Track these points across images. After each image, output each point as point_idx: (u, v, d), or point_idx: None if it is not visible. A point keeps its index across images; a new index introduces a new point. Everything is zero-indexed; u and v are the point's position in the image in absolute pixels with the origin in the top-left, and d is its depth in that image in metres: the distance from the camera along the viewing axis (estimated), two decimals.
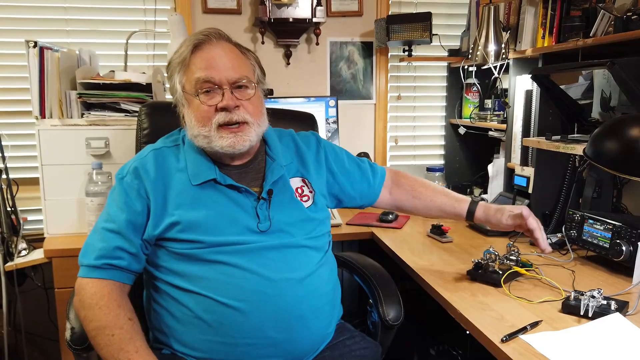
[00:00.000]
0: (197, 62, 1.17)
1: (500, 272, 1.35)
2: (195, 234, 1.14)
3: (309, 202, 1.28)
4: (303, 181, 1.31)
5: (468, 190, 2.48)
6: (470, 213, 1.40)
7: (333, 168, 1.39)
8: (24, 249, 1.95)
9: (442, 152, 2.64)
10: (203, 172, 1.19)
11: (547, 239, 1.66)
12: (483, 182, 2.39)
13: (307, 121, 1.67)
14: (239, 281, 1.13)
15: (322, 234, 1.29)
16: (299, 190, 1.28)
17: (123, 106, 1.90)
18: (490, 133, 2.23)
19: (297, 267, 1.18)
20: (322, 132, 2.32)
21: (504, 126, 2.06)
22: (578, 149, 1.47)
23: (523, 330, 1.09)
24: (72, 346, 1.16)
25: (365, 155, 2.49)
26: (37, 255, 1.92)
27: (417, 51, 2.45)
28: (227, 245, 1.15)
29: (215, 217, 1.16)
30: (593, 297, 1.15)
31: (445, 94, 2.60)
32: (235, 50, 1.21)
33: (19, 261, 1.90)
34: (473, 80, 2.40)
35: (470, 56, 2.07)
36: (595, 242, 1.48)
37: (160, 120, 1.53)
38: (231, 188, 1.19)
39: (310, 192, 1.30)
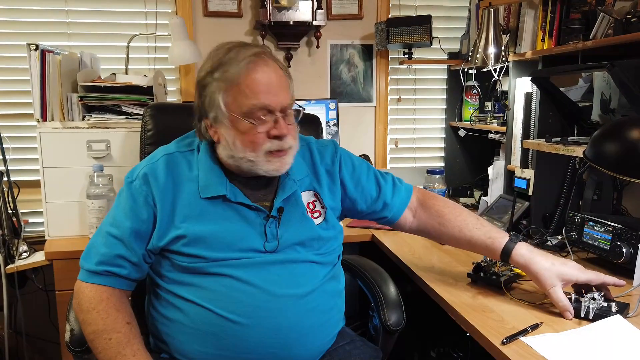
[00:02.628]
0: (252, 86, 1.08)
1: (501, 275, 1.35)
2: (200, 249, 1.12)
3: (320, 219, 1.24)
4: (315, 195, 1.26)
5: (468, 192, 2.48)
6: (506, 253, 1.23)
7: (346, 181, 1.30)
8: (25, 251, 1.95)
9: (443, 154, 2.64)
10: (214, 186, 1.15)
11: (548, 241, 1.67)
12: (483, 185, 2.39)
13: (311, 123, 1.66)
14: (240, 295, 1.11)
15: (332, 249, 1.25)
16: (310, 206, 1.24)
17: (124, 109, 1.91)
18: (491, 135, 2.23)
19: (301, 282, 1.16)
20: (323, 135, 2.32)
21: (504, 128, 2.06)
22: (578, 151, 1.47)
23: (523, 332, 1.09)
24: (72, 348, 1.16)
25: (366, 157, 2.49)
26: (38, 257, 1.92)
27: (417, 54, 2.45)
28: (232, 260, 1.13)
29: (222, 233, 1.13)
30: (594, 299, 1.16)
31: (445, 97, 2.60)
32: (280, 71, 1.13)
33: (19, 263, 1.90)
34: (473, 82, 2.40)
35: (470, 59, 2.08)
36: (595, 244, 1.48)
37: (164, 122, 1.53)
38: (241, 204, 1.16)
39: (322, 207, 1.26)
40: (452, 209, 1.34)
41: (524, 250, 1.23)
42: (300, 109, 1.17)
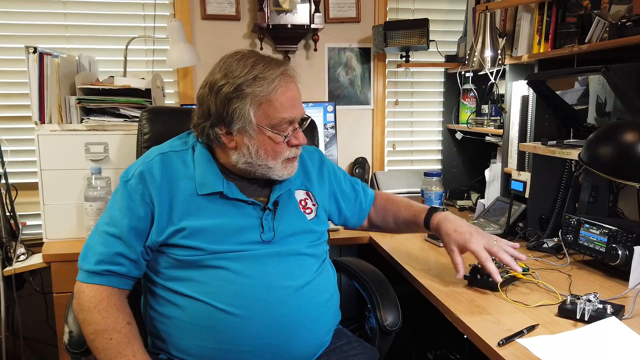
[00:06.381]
0: (283, 101, 1.16)
1: None
2: (198, 241, 1.14)
3: (312, 215, 1.30)
4: (307, 194, 1.32)
5: (465, 195, 2.49)
6: (427, 222, 1.39)
7: (334, 188, 1.42)
8: (23, 254, 1.96)
9: (440, 157, 2.65)
10: (210, 183, 1.18)
11: (544, 243, 1.68)
12: (480, 187, 2.40)
13: (307, 126, 1.67)
14: (237, 287, 1.13)
15: (321, 242, 1.30)
16: (303, 203, 1.30)
17: (122, 111, 1.91)
18: (487, 138, 2.24)
19: (296, 274, 1.19)
20: (320, 138, 2.33)
21: (500, 131, 2.07)
22: (574, 154, 1.48)
23: (520, 334, 1.10)
24: (70, 350, 1.17)
25: (363, 160, 2.50)
26: (36, 260, 1.92)
27: (415, 57, 2.47)
28: (229, 252, 1.15)
29: (220, 226, 1.16)
30: (589, 301, 1.16)
31: (442, 100, 2.61)
32: (297, 83, 1.23)
33: (17, 266, 1.90)
34: (470, 85, 2.41)
35: (467, 62, 2.09)
36: (591, 246, 1.49)
37: (161, 125, 1.54)
38: (238, 200, 1.19)
39: (314, 205, 1.32)
40: (391, 200, 1.50)
41: (437, 218, 1.37)
42: (308, 117, 1.27)
